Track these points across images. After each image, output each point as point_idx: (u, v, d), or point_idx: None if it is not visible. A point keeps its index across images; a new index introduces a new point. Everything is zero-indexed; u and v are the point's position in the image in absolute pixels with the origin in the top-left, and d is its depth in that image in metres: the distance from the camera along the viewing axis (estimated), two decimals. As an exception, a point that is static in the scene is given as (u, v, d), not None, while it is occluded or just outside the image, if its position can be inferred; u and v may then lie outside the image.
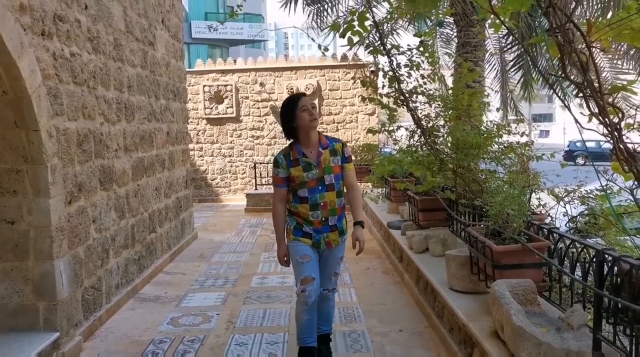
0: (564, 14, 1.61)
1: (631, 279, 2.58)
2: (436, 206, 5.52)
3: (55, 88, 4.08)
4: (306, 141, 3.41)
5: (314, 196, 3.38)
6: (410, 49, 4.60)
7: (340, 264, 3.66)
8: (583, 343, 2.77)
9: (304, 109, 3.35)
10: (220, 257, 7.39)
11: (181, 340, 4.32)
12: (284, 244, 3.53)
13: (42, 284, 3.88)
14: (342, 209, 3.52)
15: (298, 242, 3.45)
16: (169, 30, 7.63)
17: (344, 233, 3.54)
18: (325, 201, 3.39)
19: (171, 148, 7.43)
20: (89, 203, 4.63)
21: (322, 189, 3.38)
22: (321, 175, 3.38)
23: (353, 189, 3.56)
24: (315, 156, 3.40)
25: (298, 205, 3.42)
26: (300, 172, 3.37)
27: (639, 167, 1.84)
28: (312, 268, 3.43)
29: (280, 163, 3.42)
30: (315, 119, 3.39)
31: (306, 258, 3.41)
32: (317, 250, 3.46)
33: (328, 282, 3.58)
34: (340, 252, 3.59)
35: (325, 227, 3.42)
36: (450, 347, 3.88)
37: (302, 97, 3.44)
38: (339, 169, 3.45)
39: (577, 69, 1.72)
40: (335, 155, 3.44)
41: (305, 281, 3.39)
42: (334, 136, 12.58)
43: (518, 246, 3.38)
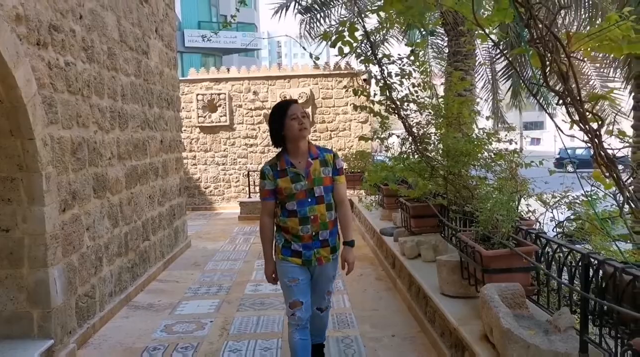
0: (544, 25, 1.68)
1: (615, 281, 2.65)
2: (428, 213, 5.59)
3: (50, 97, 4.13)
4: (295, 151, 3.21)
5: (303, 209, 3.16)
6: (401, 58, 4.68)
7: (333, 282, 3.49)
8: (570, 345, 2.83)
9: (294, 117, 3.15)
10: (214, 265, 7.42)
11: (175, 347, 4.35)
12: (272, 260, 3.34)
13: (37, 291, 3.90)
14: (334, 223, 3.31)
15: (287, 262, 3.26)
16: (163, 39, 7.70)
17: (336, 250, 3.34)
18: (316, 215, 3.18)
19: (165, 156, 7.47)
20: (82, 211, 4.66)
21: (311, 201, 3.17)
22: (310, 187, 3.17)
23: (343, 205, 3.34)
24: (304, 166, 3.19)
25: (287, 219, 3.21)
26: (288, 184, 3.16)
27: (619, 172, 1.91)
28: (301, 292, 3.27)
29: (267, 174, 3.22)
30: (305, 128, 3.17)
31: (294, 282, 3.25)
32: (307, 268, 3.28)
33: (321, 301, 3.44)
34: (333, 270, 3.39)
35: (316, 242, 3.22)
36: (441, 351, 3.93)
37: (293, 104, 3.24)
38: (329, 181, 3.24)
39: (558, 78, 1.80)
40: (325, 166, 3.24)
41: (294, 305, 3.25)
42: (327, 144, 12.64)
43: (506, 250, 3.45)
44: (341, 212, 3.34)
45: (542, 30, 1.71)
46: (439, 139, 4.87)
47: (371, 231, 8.14)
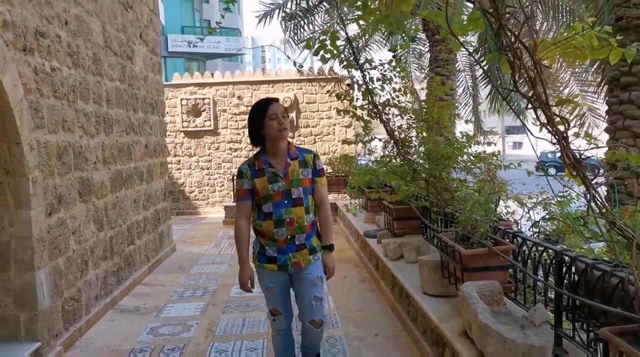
0: (513, 34, 1.79)
1: (587, 277, 2.77)
2: (410, 215, 5.70)
3: (37, 102, 4.17)
4: (274, 151, 3.10)
5: (278, 211, 3.04)
6: (382, 64, 4.81)
7: (321, 285, 3.20)
8: (544, 339, 2.95)
9: (273, 117, 3.03)
10: (199, 268, 7.46)
11: (161, 349, 4.40)
12: (247, 266, 3.12)
13: (23, 294, 3.93)
14: (312, 226, 3.17)
15: (263, 269, 3.14)
16: (147, 45, 7.74)
17: (316, 251, 3.17)
18: (292, 217, 3.05)
19: (149, 161, 7.50)
20: (68, 215, 4.69)
21: (288, 203, 3.05)
22: (288, 188, 3.05)
23: (323, 207, 3.23)
24: (283, 167, 3.08)
25: (262, 222, 3.09)
26: (265, 184, 3.04)
27: (585, 172, 2.03)
28: (278, 301, 3.18)
29: (245, 173, 3.10)
30: (285, 128, 3.06)
31: (271, 291, 3.16)
32: (285, 273, 3.14)
33: (309, 310, 3.17)
34: (315, 271, 3.17)
35: (291, 246, 3.08)
36: (423, 349, 4.04)
37: (273, 103, 3.11)
38: (308, 183, 3.12)
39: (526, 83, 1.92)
40: (305, 167, 3.12)
41: (274, 313, 3.21)
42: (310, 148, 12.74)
43: (485, 249, 3.57)
44: (321, 214, 3.23)
45: (511, 39, 1.83)
46: (420, 143, 4.99)
47: (355, 234, 8.24)
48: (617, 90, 5.24)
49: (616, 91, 5.26)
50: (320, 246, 3.21)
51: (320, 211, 3.24)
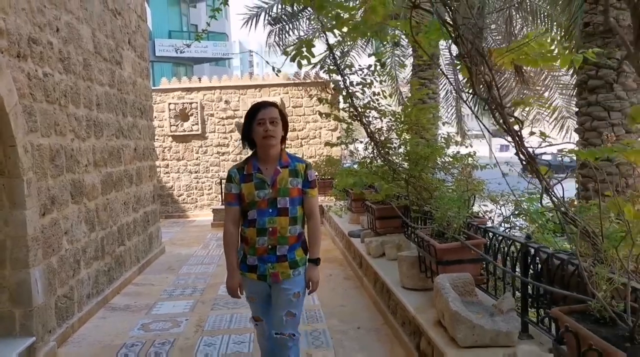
0: (470, 42, 2.01)
1: (548, 266, 3.00)
2: (392, 214, 5.92)
3: (30, 106, 4.33)
4: (264, 156, 2.99)
5: (262, 220, 2.92)
6: (362, 69, 5.03)
7: (298, 301, 3.05)
8: (511, 325, 3.17)
9: (260, 122, 2.92)
10: (188, 269, 7.62)
11: (152, 343, 4.57)
12: (236, 272, 3.02)
13: (19, 291, 4.08)
14: (298, 238, 3.04)
15: (244, 277, 3.03)
16: (135, 50, 7.91)
17: (298, 266, 3.03)
18: (275, 227, 2.93)
19: (139, 164, 7.66)
20: (61, 215, 4.85)
21: (272, 212, 2.93)
22: (274, 197, 2.93)
23: (312, 219, 3.10)
24: (272, 174, 2.96)
25: (246, 229, 2.99)
26: (252, 190, 2.93)
27: (538, 166, 2.25)
28: (258, 309, 3.12)
29: (233, 177, 3.00)
30: (271, 136, 2.92)
31: (252, 300, 3.10)
32: (265, 283, 3.02)
33: (279, 324, 3.01)
34: (294, 287, 3.02)
35: (271, 256, 2.96)
36: (402, 340, 4.25)
37: (264, 108, 2.98)
38: (297, 193, 2.99)
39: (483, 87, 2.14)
40: (295, 177, 3.00)
41: (256, 319, 3.17)
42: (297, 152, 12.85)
43: (458, 243, 3.79)
44: (310, 226, 3.11)
45: (467, 47, 2.05)
46: (400, 144, 5.22)
47: (340, 234, 8.45)
48: (585, 93, 5.50)
49: (584, 94, 5.52)
50: (305, 259, 3.08)
51: (308, 223, 3.11)
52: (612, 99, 4.85)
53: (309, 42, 3.00)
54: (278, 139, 3.00)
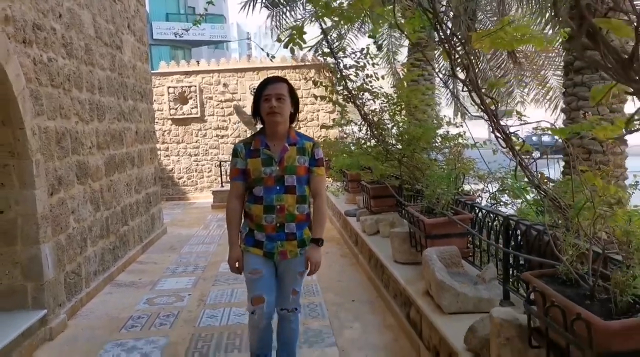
0: (448, 27, 2.18)
1: (527, 237, 3.22)
2: (386, 193, 6.14)
3: (36, 90, 4.51)
4: (272, 133, 2.96)
5: (269, 197, 2.91)
6: (355, 52, 5.20)
7: (301, 279, 3.12)
8: (492, 292, 3.40)
9: (266, 98, 2.89)
10: (190, 248, 7.86)
11: (157, 315, 4.81)
12: (237, 247, 3.02)
13: (30, 266, 4.31)
14: (307, 218, 3.04)
15: (248, 253, 3.00)
16: (135, 34, 8.04)
17: (305, 244, 3.02)
18: (282, 205, 2.91)
19: (140, 146, 7.85)
20: (67, 195, 5.06)
21: (280, 189, 2.91)
22: (281, 174, 2.92)
23: (318, 198, 3.06)
24: (279, 151, 2.94)
25: (252, 205, 2.96)
26: (258, 166, 2.91)
27: (513, 144, 2.45)
28: (264, 286, 2.99)
29: (239, 152, 2.98)
30: (276, 112, 2.87)
31: (257, 273, 2.97)
32: (272, 261, 3.01)
33: (285, 301, 3.09)
34: (299, 266, 3.05)
35: (280, 234, 2.95)
36: (394, 310, 4.49)
37: (272, 83, 2.94)
38: (304, 171, 2.97)
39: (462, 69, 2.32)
40: (302, 155, 2.97)
41: (256, 301, 2.98)
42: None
43: (445, 218, 4.00)
44: (315, 206, 3.07)
45: (446, 32, 2.23)
46: (392, 125, 5.41)
47: (337, 214, 8.67)
48: (572, 73, 5.66)
49: (571, 74, 5.68)
50: (308, 240, 3.05)
51: (315, 202, 3.08)
52: (597, 79, 5.03)
53: (300, 29, 3.17)
54: (284, 116, 2.93)
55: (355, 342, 4.06)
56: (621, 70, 1.33)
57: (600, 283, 2.15)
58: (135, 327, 4.55)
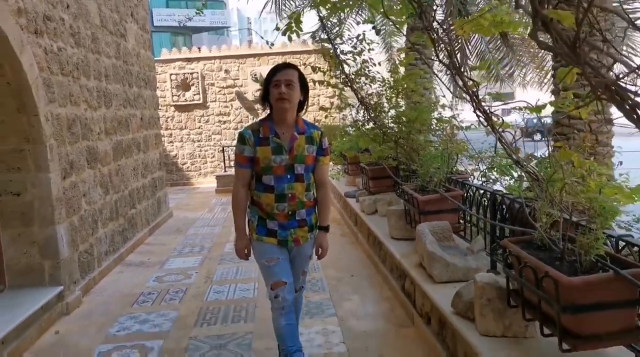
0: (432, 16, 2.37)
1: (512, 210, 3.46)
2: (384, 174, 6.37)
3: (48, 79, 4.74)
4: (280, 120, 2.92)
5: (281, 186, 2.90)
6: (351, 38, 5.40)
7: (309, 261, 3.24)
8: (480, 262, 3.65)
9: (276, 84, 2.85)
10: (195, 230, 8.13)
11: (167, 291, 5.09)
12: (245, 235, 3.04)
13: (47, 246, 4.57)
14: (314, 203, 3.08)
15: (262, 242, 2.99)
16: (138, 23, 8.23)
17: (314, 229, 3.09)
18: (294, 193, 2.92)
19: (145, 132, 8.08)
20: (79, 179, 5.30)
21: (291, 178, 2.91)
22: (291, 163, 2.90)
23: (324, 187, 3.12)
24: (289, 140, 2.91)
25: (261, 194, 2.95)
26: (268, 154, 2.88)
27: (493, 123, 2.67)
28: (283, 270, 3.01)
29: (247, 139, 2.91)
30: (285, 99, 2.84)
31: (274, 261, 2.99)
32: (285, 248, 3.03)
33: (296, 281, 3.16)
34: (310, 249, 3.14)
35: (292, 221, 2.98)
36: (390, 283, 4.75)
37: (282, 70, 2.91)
38: (312, 160, 2.98)
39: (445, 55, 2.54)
40: (311, 144, 2.97)
41: (277, 285, 2.98)
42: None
43: (437, 195, 4.24)
44: (321, 195, 3.11)
45: (430, 20, 2.43)
46: (389, 108, 5.62)
47: (338, 196, 8.92)
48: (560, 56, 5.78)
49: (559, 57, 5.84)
50: (316, 224, 3.12)
51: (319, 191, 3.11)
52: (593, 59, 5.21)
53: (297, 17, 3.38)
54: (292, 103, 2.90)
55: (354, 312, 4.32)
56: (570, 54, 1.56)
57: (569, 246, 2.39)
58: (146, 303, 4.83)
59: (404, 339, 3.79)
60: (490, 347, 2.69)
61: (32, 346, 4.01)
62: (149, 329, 4.20)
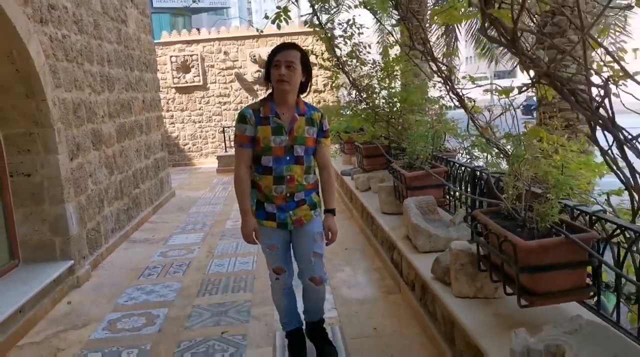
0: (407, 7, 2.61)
1: (488, 184, 3.72)
2: (377, 153, 6.62)
3: (54, 65, 4.98)
4: (281, 101, 2.88)
5: (279, 167, 2.85)
6: (341, 23, 5.63)
7: (320, 241, 3.05)
8: (460, 233, 3.93)
9: (276, 64, 2.80)
10: (197, 208, 8.44)
11: (171, 265, 5.40)
12: (251, 218, 2.93)
13: (57, 223, 4.86)
14: (314, 186, 3.03)
15: (262, 227, 2.95)
16: (138, 7, 8.42)
17: (317, 206, 3.04)
18: (292, 175, 2.87)
19: (147, 115, 8.33)
20: (85, 160, 5.58)
21: (290, 160, 2.87)
22: (291, 144, 2.86)
23: (326, 170, 3.07)
24: (289, 120, 2.87)
25: (260, 176, 2.90)
26: (268, 134, 2.83)
27: (466, 104, 2.93)
28: (281, 259, 3.04)
29: (248, 118, 2.85)
30: (285, 81, 2.78)
31: (273, 249, 3.01)
32: (285, 230, 2.97)
33: (308, 267, 3.03)
34: (316, 227, 3.01)
35: (291, 203, 2.91)
36: (380, 255, 5.05)
37: (283, 50, 2.84)
38: (312, 142, 2.93)
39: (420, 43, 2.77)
40: (311, 126, 2.92)
41: (277, 271, 3.06)
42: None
43: (423, 171, 4.51)
44: (324, 177, 3.07)
45: (406, 11, 2.66)
46: (381, 88, 5.86)
47: (335, 175, 9.19)
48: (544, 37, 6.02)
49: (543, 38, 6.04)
50: (320, 201, 3.08)
51: (322, 174, 3.08)
52: (566, 43, 5.44)
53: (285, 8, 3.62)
54: (293, 85, 2.84)
55: (345, 281, 4.63)
56: (511, 46, 1.81)
57: (530, 215, 2.66)
58: (152, 275, 5.15)
59: (392, 305, 4.10)
60: (463, 308, 2.97)
61: (46, 314, 4.33)
62: (154, 298, 4.51)
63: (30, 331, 4.03)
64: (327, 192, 3.07)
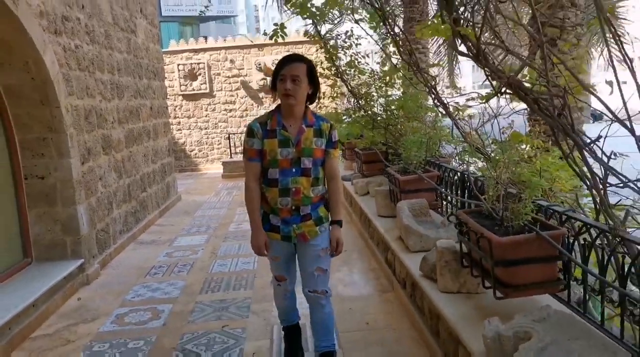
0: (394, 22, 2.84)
1: (477, 186, 3.94)
2: (376, 158, 6.85)
3: (67, 74, 5.26)
4: (288, 113, 2.87)
5: (285, 179, 2.84)
6: (339, 35, 5.89)
7: (326, 257, 3.02)
8: (450, 233, 4.13)
9: (281, 78, 2.79)
10: (202, 212, 8.69)
11: (176, 265, 5.65)
12: (261, 230, 2.94)
13: (69, 223, 5.12)
14: (321, 198, 2.98)
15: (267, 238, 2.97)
16: (147, 18, 8.73)
17: (323, 222, 2.98)
18: (298, 187, 2.85)
19: (154, 121, 8.61)
20: (95, 164, 5.84)
21: (296, 172, 2.85)
22: (298, 156, 2.84)
23: (334, 181, 3.05)
24: (296, 132, 2.86)
25: (267, 188, 2.90)
26: (274, 147, 2.83)
27: (449, 110, 3.15)
28: (283, 268, 3.09)
29: (256, 132, 2.86)
30: (290, 95, 2.78)
31: (276, 260, 3.06)
32: (289, 243, 2.96)
33: (311, 281, 3.00)
34: (321, 243, 2.98)
35: (295, 217, 2.89)
36: (376, 256, 5.27)
37: (289, 64, 2.82)
38: (320, 153, 2.90)
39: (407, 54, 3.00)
40: (319, 137, 2.89)
41: (279, 278, 3.13)
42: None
43: (416, 176, 4.73)
44: (331, 188, 3.05)
45: (392, 26, 2.89)
46: (378, 96, 6.10)
47: (342, 186, 9.41)
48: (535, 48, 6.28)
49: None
50: (328, 216, 3.03)
51: (330, 185, 3.05)
52: (557, 53, 5.65)
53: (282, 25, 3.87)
54: (299, 99, 2.82)
55: (342, 280, 4.85)
56: (476, 58, 2.04)
57: (507, 214, 2.88)
58: (157, 274, 5.39)
59: (385, 302, 4.31)
60: (447, 302, 3.19)
61: (57, 309, 4.58)
62: (160, 295, 4.75)
63: (42, 324, 4.28)
64: (334, 203, 3.05)
